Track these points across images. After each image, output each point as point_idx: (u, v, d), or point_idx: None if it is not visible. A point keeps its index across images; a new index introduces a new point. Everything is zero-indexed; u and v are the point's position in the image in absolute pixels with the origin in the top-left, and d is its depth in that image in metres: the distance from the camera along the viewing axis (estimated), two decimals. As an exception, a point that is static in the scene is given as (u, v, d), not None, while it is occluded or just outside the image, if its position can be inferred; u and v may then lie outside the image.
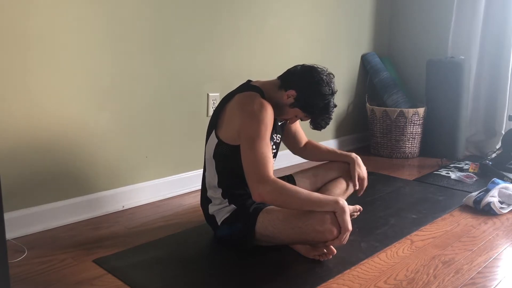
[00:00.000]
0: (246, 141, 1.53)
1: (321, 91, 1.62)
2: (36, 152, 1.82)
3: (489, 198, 2.13)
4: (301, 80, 1.65)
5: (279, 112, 1.69)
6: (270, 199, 1.49)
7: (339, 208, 1.48)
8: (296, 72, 1.68)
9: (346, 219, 1.48)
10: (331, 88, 1.65)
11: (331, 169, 1.93)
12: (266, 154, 1.51)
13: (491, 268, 1.60)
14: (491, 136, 3.29)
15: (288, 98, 1.65)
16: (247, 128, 1.54)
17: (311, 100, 1.63)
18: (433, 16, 3.49)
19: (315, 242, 1.58)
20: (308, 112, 1.66)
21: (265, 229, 1.58)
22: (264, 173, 1.48)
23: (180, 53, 2.25)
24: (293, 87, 1.64)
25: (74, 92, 1.90)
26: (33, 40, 1.74)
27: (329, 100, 1.64)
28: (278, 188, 1.48)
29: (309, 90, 1.63)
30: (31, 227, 1.83)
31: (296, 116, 1.70)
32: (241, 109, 1.59)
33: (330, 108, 1.66)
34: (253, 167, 1.50)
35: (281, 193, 1.48)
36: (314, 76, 1.64)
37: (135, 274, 1.51)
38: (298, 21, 2.90)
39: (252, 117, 1.55)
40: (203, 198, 1.78)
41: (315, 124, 1.69)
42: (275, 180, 1.49)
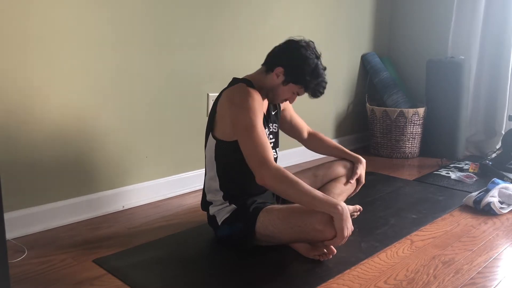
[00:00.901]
0: (241, 131, 1.56)
1: (305, 55, 1.63)
2: (36, 152, 1.82)
3: (489, 198, 2.13)
4: (283, 55, 1.67)
5: (275, 95, 1.69)
6: (270, 184, 1.50)
7: (337, 213, 1.46)
8: (275, 50, 1.71)
9: (342, 225, 1.46)
10: (314, 51, 1.67)
11: (332, 169, 1.93)
12: (264, 139, 1.54)
13: (491, 268, 1.60)
14: (491, 136, 3.29)
15: (278, 77, 1.66)
16: (239, 119, 1.57)
17: (299, 68, 1.64)
18: (433, 16, 3.49)
19: (315, 241, 1.58)
20: (301, 82, 1.65)
21: (265, 228, 1.58)
22: (265, 157, 1.50)
23: (180, 53, 2.25)
24: (278, 64, 1.66)
25: (74, 93, 1.90)
26: (33, 40, 1.74)
27: (316, 63, 1.65)
28: (280, 175, 1.49)
29: (293, 60, 1.64)
30: (31, 227, 1.83)
31: (293, 93, 1.70)
32: (229, 102, 1.62)
33: (320, 70, 1.66)
34: (254, 153, 1.52)
35: (282, 180, 1.49)
36: (294, 46, 1.66)
37: (135, 274, 1.51)
38: (298, 21, 2.90)
39: (240, 107, 1.57)
40: (203, 202, 1.79)
41: (313, 92, 1.69)
42: (277, 167, 1.50)
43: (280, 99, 1.73)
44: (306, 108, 3.06)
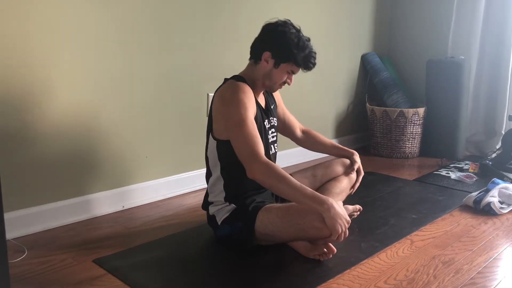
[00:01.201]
0: (232, 127, 1.58)
1: (285, 31, 1.65)
2: (36, 152, 1.82)
3: (489, 198, 2.13)
4: (265, 40, 1.69)
5: (272, 81, 1.70)
6: (260, 179, 1.52)
7: (325, 210, 1.46)
8: (256, 40, 1.73)
9: (333, 222, 1.45)
10: (292, 26, 1.68)
11: (331, 168, 1.93)
12: (254, 133, 1.55)
13: (491, 268, 1.60)
14: (491, 136, 3.29)
15: (268, 62, 1.68)
16: (229, 115, 1.59)
17: (283, 45, 1.65)
18: (433, 16, 3.49)
19: (315, 239, 1.58)
20: (290, 58, 1.66)
21: (265, 227, 1.58)
22: (255, 151, 1.52)
23: (180, 53, 2.25)
24: (263, 50, 1.67)
25: (74, 93, 1.90)
26: (33, 40, 1.74)
27: (298, 35, 1.67)
28: (269, 170, 1.50)
29: (276, 40, 1.66)
30: (31, 227, 1.83)
31: (288, 73, 1.70)
32: (220, 100, 1.64)
33: (304, 42, 1.67)
34: (244, 147, 1.54)
35: (271, 175, 1.50)
36: (271, 28, 1.69)
37: (135, 274, 1.51)
38: (298, 21, 2.88)
39: (230, 103, 1.59)
40: (204, 201, 1.79)
41: (304, 65, 1.69)
42: (267, 162, 1.52)
43: (277, 83, 1.72)
44: (306, 108, 3.06)
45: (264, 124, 1.74)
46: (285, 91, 2.59)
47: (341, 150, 2.00)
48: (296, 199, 1.51)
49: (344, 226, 1.48)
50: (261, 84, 1.73)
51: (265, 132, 1.74)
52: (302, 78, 2.98)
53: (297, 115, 2.83)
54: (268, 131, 1.77)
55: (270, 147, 1.78)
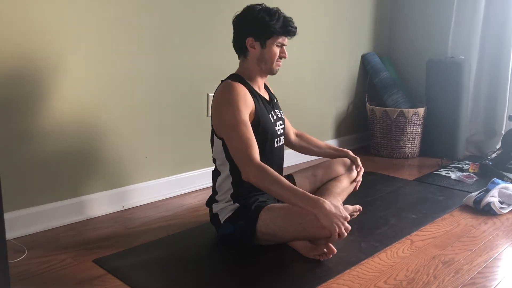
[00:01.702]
0: (226, 129, 1.61)
1: (253, 12, 1.69)
2: (36, 152, 1.82)
3: (489, 198, 2.13)
4: (240, 30, 1.72)
5: (267, 62, 1.71)
6: (255, 182, 1.54)
7: (317, 211, 1.46)
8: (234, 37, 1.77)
9: (328, 222, 1.45)
10: (255, 4, 1.71)
11: (331, 168, 1.93)
12: (248, 136, 1.57)
13: (491, 268, 1.60)
14: (491, 136, 3.29)
15: (254, 48, 1.69)
16: (223, 117, 1.61)
17: (259, 24, 1.67)
18: (433, 16, 3.49)
19: (316, 238, 1.58)
20: (270, 31, 1.67)
21: (267, 227, 1.58)
22: (248, 154, 1.54)
23: (180, 53, 2.25)
24: (243, 39, 1.70)
25: (74, 93, 1.90)
26: (33, 40, 1.74)
27: (266, 9, 1.69)
28: (261, 172, 1.52)
29: (250, 23, 1.69)
30: (31, 227, 1.83)
31: (277, 46, 1.71)
32: (215, 102, 1.66)
33: (275, 12, 1.69)
34: (239, 150, 1.56)
35: (264, 179, 1.52)
36: (239, 17, 1.73)
37: (135, 274, 1.51)
38: (298, 21, 2.87)
39: (222, 105, 1.62)
40: (210, 199, 1.79)
41: (285, 31, 1.69)
42: (259, 163, 1.53)
43: (273, 62, 1.72)
44: (306, 108, 3.06)
45: (271, 115, 1.75)
46: (285, 91, 2.58)
47: (336, 150, 2.01)
48: (289, 201, 1.53)
49: (341, 223, 1.46)
50: (259, 73, 1.74)
51: (273, 123, 1.75)
52: (302, 78, 2.98)
53: (297, 115, 2.84)
54: (276, 122, 1.77)
55: (277, 140, 1.78)
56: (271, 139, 1.73)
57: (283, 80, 2.82)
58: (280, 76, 2.78)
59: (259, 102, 1.70)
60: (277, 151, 1.79)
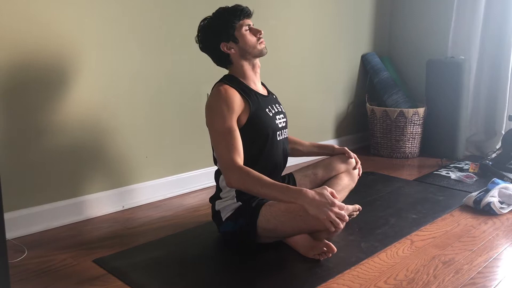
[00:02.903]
0: (211, 136, 1.64)
1: (204, 23, 1.73)
2: (36, 152, 1.82)
3: (489, 198, 2.13)
4: (207, 43, 1.74)
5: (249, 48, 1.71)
6: (237, 185, 1.55)
7: (300, 199, 1.45)
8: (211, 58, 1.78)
9: (316, 211, 1.43)
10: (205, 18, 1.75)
11: (331, 167, 1.94)
12: (231, 143, 1.57)
13: (491, 268, 1.60)
14: (491, 136, 3.29)
15: (231, 48, 1.70)
16: (209, 123, 1.65)
17: (216, 25, 1.70)
18: (433, 16, 3.49)
19: (317, 230, 1.58)
20: (229, 23, 1.69)
21: (268, 222, 1.58)
22: (229, 160, 1.55)
23: (180, 53, 2.25)
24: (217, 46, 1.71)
25: (74, 93, 1.90)
26: (33, 39, 1.74)
27: (210, 15, 1.74)
28: (243, 175, 1.52)
29: (209, 31, 1.71)
30: (31, 227, 1.83)
31: (246, 30, 1.71)
32: (205, 107, 1.69)
33: (219, 9, 1.73)
34: (221, 156, 1.59)
35: (245, 180, 1.52)
36: (198, 38, 1.75)
37: (135, 274, 1.51)
38: (298, 21, 2.90)
39: (209, 111, 1.66)
40: (214, 195, 1.79)
41: (239, 13, 1.71)
42: (240, 167, 1.54)
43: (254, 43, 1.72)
44: (306, 108, 3.06)
45: (268, 109, 1.74)
46: (286, 91, 2.58)
47: (320, 148, 2.02)
48: (275, 198, 1.53)
49: (328, 209, 1.42)
50: (250, 68, 1.74)
51: (272, 117, 1.74)
52: (302, 78, 2.98)
53: (297, 115, 2.84)
54: (275, 116, 1.77)
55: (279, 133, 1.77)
56: (272, 133, 1.73)
57: (283, 80, 2.82)
58: (280, 76, 2.79)
59: (253, 99, 1.69)
60: (281, 144, 1.78)
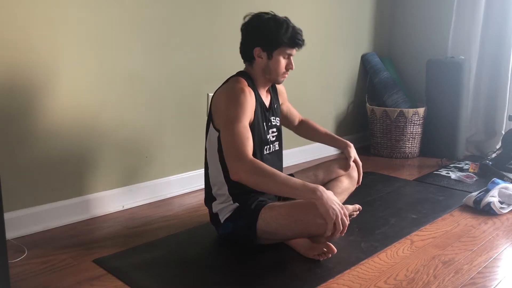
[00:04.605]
0: (224, 124, 1.56)
1: (263, 21, 1.66)
2: (36, 152, 1.82)
3: (489, 198, 2.13)
4: (248, 38, 1.69)
5: (273, 73, 1.70)
6: (246, 178, 1.47)
7: (316, 198, 1.45)
8: (241, 43, 1.72)
9: (326, 208, 1.44)
10: (265, 13, 1.69)
11: (331, 169, 1.94)
12: (244, 135, 1.52)
13: (491, 268, 1.60)
14: (491, 136, 3.29)
15: (261, 58, 1.68)
16: (226, 112, 1.57)
17: (267, 34, 1.65)
18: (433, 16, 3.49)
19: (316, 235, 1.58)
20: (278, 42, 1.65)
21: (267, 225, 1.58)
22: (241, 151, 1.48)
23: (180, 53, 2.25)
24: (251, 48, 1.67)
25: (74, 93, 1.90)
26: (33, 40, 1.74)
27: (275, 18, 1.67)
28: (255, 168, 1.47)
29: (258, 33, 1.66)
30: (31, 227, 1.83)
31: (283, 58, 1.69)
32: (223, 94, 1.63)
33: (282, 22, 1.67)
34: (230, 146, 1.51)
35: (258, 173, 1.46)
36: (248, 25, 1.69)
37: (135, 274, 1.51)
38: (297, 20, 2.88)
39: (230, 100, 1.58)
40: (207, 196, 1.78)
41: (293, 43, 1.67)
42: (253, 160, 1.48)
43: (279, 73, 1.71)
44: (307, 108, 3.06)
45: (265, 123, 1.74)
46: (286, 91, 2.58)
47: (335, 140, 2.01)
48: (286, 192, 1.50)
49: (338, 211, 1.45)
50: (263, 81, 1.73)
51: (265, 131, 1.74)
52: (302, 78, 2.98)
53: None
54: (269, 130, 1.77)
55: (267, 147, 1.77)
56: (259, 146, 1.71)
57: (283, 80, 2.82)
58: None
59: (258, 110, 1.69)
60: (269, 157, 1.77)
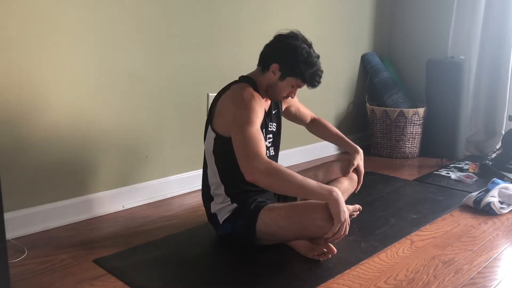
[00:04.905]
0: (236, 127, 1.53)
1: (295, 46, 1.63)
2: (36, 152, 1.82)
3: (489, 198, 2.13)
4: (275, 51, 1.67)
5: (275, 92, 1.69)
6: (262, 179, 1.44)
7: (332, 199, 1.46)
8: (266, 49, 1.70)
9: (338, 210, 1.45)
10: (303, 40, 1.66)
11: (332, 169, 1.94)
12: (258, 136, 1.50)
13: (491, 268, 1.60)
14: (491, 136, 3.29)
15: (274, 74, 1.66)
16: (237, 116, 1.55)
17: (292, 60, 1.63)
18: (433, 16, 3.49)
19: (316, 236, 1.58)
20: (297, 73, 1.64)
21: (267, 226, 1.58)
22: (255, 151, 1.45)
23: (180, 53, 2.25)
24: (271, 61, 1.65)
25: (74, 92, 1.90)
26: (33, 40, 1.74)
27: (309, 51, 1.64)
28: (272, 169, 1.44)
29: (286, 53, 1.64)
30: (31, 227, 1.83)
31: (292, 86, 1.69)
32: (233, 99, 1.61)
33: (313, 59, 1.65)
34: (244, 147, 1.47)
35: (275, 174, 1.44)
36: (282, 39, 1.66)
37: (135, 274, 1.51)
38: (298, 21, 2.89)
39: (241, 105, 1.56)
40: (205, 196, 1.78)
41: (310, 82, 1.67)
42: (269, 161, 1.46)
43: (280, 95, 1.72)
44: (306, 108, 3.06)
45: (264, 129, 1.74)
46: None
47: (344, 142, 2.00)
48: (302, 193, 1.49)
49: (346, 215, 1.48)
50: (263, 92, 1.72)
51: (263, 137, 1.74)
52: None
53: (297, 115, 2.83)
54: (266, 135, 1.77)
55: (266, 152, 1.76)
56: None
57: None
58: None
59: None
60: None
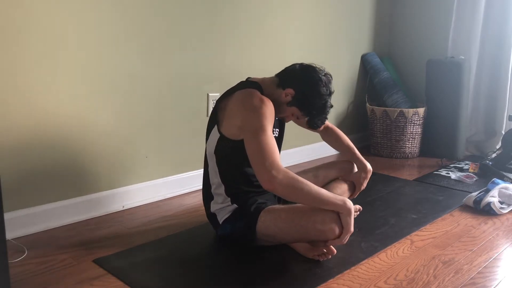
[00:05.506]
0: (250, 133, 1.50)
1: (320, 91, 1.63)
2: (36, 152, 1.82)
3: (489, 198, 2.13)
4: (300, 80, 1.65)
5: (276, 109, 1.68)
6: (280, 189, 1.43)
7: (345, 210, 1.48)
8: (294, 71, 1.68)
9: (349, 221, 1.49)
10: (329, 88, 1.66)
11: (332, 170, 1.94)
12: (273, 144, 1.48)
13: (491, 268, 1.60)
14: (491, 136, 3.29)
15: (286, 97, 1.65)
16: (249, 122, 1.52)
17: (309, 99, 1.64)
18: (433, 16, 3.49)
19: (317, 240, 1.58)
20: (306, 111, 1.66)
21: (267, 228, 1.58)
22: (273, 159, 1.44)
23: (180, 53, 2.25)
24: (291, 85, 1.64)
25: (74, 92, 1.90)
26: (33, 40, 1.74)
27: (327, 101, 1.66)
28: (290, 179, 1.43)
29: (307, 90, 1.63)
30: (31, 227, 1.82)
31: (293, 115, 1.70)
32: (242, 104, 1.58)
33: (327, 109, 1.67)
34: (261, 155, 1.45)
35: (293, 185, 1.43)
36: (313, 76, 1.64)
37: (135, 274, 1.51)
38: (298, 21, 2.90)
39: (253, 111, 1.53)
40: (205, 194, 1.77)
41: (311, 123, 1.70)
42: (286, 170, 1.45)
43: (278, 115, 1.72)
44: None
45: None
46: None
47: (355, 158, 1.97)
48: (316, 203, 1.48)
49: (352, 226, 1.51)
50: None
51: None
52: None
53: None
54: None
55: None
56: None
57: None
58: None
59: None
60: None
